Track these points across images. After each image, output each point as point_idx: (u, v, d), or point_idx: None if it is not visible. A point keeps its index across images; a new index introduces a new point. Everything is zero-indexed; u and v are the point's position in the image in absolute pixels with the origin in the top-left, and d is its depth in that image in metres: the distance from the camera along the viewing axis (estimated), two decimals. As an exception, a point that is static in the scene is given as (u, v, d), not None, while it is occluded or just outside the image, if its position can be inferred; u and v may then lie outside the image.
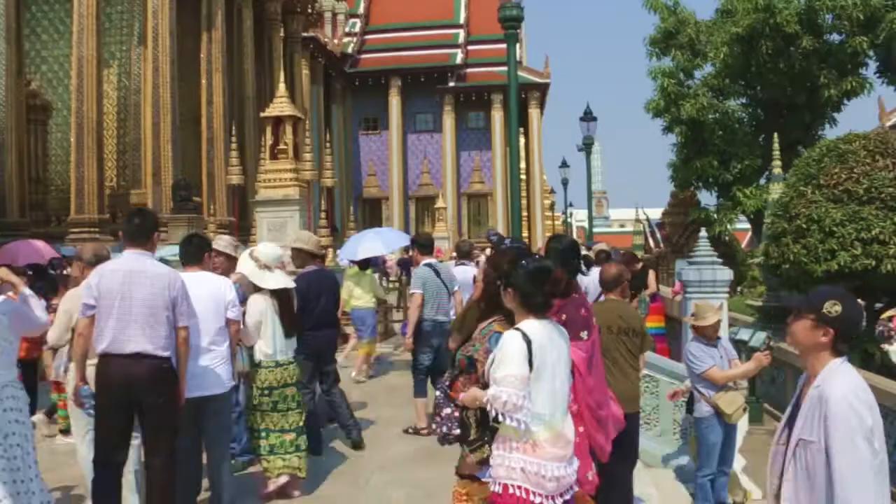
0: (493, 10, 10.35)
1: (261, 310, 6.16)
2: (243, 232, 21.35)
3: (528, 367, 3.33)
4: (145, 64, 21.05)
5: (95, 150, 19.78)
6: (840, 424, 2.61)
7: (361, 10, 42.24)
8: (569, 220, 46.63)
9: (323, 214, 19.84)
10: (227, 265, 6.52)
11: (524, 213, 37.86)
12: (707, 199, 25.37)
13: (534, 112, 39.44)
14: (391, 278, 24.89)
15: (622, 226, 72.50)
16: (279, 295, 6.26)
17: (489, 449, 3.49)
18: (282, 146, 15.50)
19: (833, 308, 2.73)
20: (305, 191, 16.70)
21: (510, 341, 3.38)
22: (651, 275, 11.57)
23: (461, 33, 40.90)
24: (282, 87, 16.11)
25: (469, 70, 39.74)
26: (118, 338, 4.82)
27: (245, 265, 6.28)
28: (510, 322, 3.59)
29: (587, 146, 26.02)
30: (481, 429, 3.50)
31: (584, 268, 5.06)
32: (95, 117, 19.85)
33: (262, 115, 16.29)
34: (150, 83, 20.63)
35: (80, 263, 6.14)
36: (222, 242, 6.74)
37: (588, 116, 25.45)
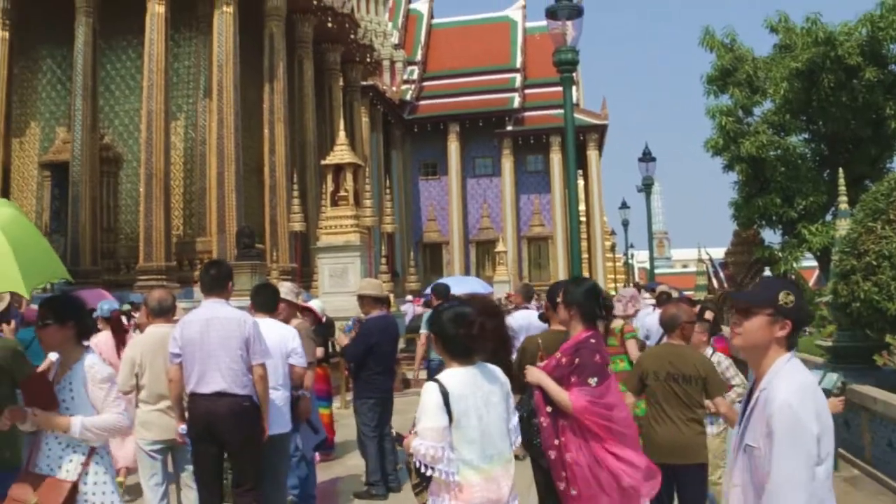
0: (549, 54, 10.37)
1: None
2: (305, 278, 21.65)
3: (447, 418, 3.37)
4: (210, 116, 21.72)
5: (163, 199, 20.45)
6: (781, 432, 2.43)
7: (419, 57, 42.90)
8: (630, 261, 46.11)
9: (384, 260, 20.04)
10: (289, 311, 6.67)
11: (585, 256, 37.60)
12: (771, 237, 24.84)
13: (592, 154, 39.37)
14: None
15: (685, 266, 71.38)
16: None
17: (427, 494, 3.57)
18: (342, 193, 15.78)
19: (788, 298, 2.62)
20: (366, 237, 16.92)
21: (427, 393, 3.44)
22: (708, 315, 11.33)
23: (518, 77, 41.20)
24: (342, 136, 16.44)
25: (527, 113, 39.94)
26: (201, 379, 5.27)
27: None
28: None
29: (647, 187, 25.81)
30: (420, 475, 3.54)
31: (603, 312, 4.84)
32: (163, 168, 20.58)
33: (323, 162, 16.65)
34: (215, 134, 21.26)
35: (145, 310, 6.32)
36: (284, 289, 6.89)
37: (647, 157, 25.29)
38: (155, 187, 20.43)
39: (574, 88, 44.49)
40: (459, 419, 3.40)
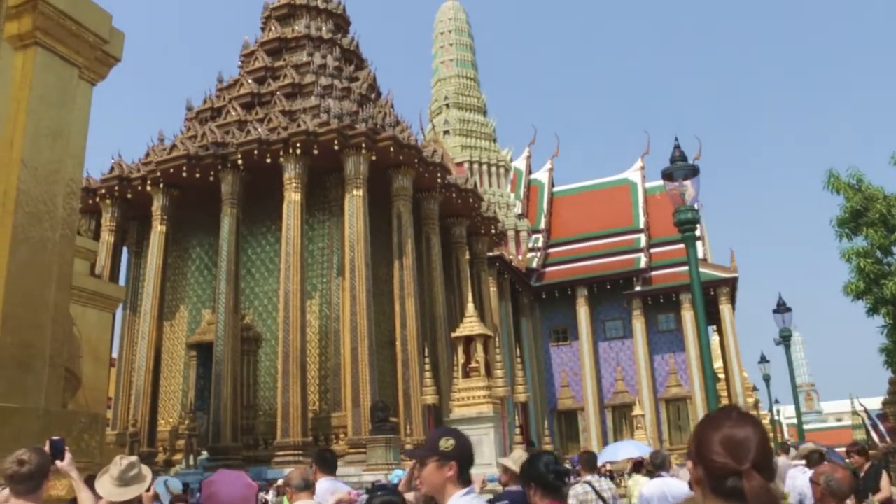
0: (671, 212, 10.37)
1: None
2: (439, 450, 21.43)
3: None
4: (343, 293, 22.56)
5: (299, 376, 21.08)
6: None
7: (543, 225, 43.66)
8: (776, 417, 43.46)
9: (518, 430, 19.63)
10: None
11: (728, 417, 35.68)
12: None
13: (725, 308, 38.20)
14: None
15: (839, 420, 66.61)
16: None
17: None
18: (474, 364, 15.79)
19: (448, 444, 2.99)
20: (499, 407, 16.73)
21: None
22: (884, 478, 10.39)
23: (642, 237, 41.15)
24: (470, 307, 16.64)
25: (654, 273, 39.52)
26: None
27: None
28: None
29: (784, 339, 24.64)
30: None
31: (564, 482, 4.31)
32: (299, 345, 21.34)
33: (453, 335, 16.79)
34: (348, 311, 21.98)
35: (289, 489, 6.41)
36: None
37: (782, 308, 24.27)
38: (292, 364, 21.14)
39: (699, 243, 43.81)
40: None
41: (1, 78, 6.11)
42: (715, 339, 41.07)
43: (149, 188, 24.87)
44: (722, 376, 38.49)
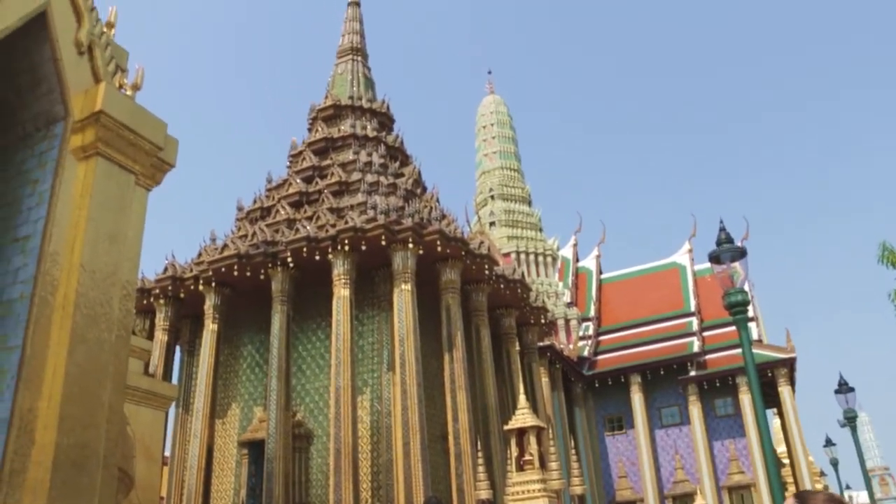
0: (722, 294, 10.27)
1: None
2: (495, 547, 20.87)
3: None
4: (394, 388, 22.49)
5: (351, 472, 20.88)
6: None
7: (592, 312, 43.34)
8: (849, 506, 41.53)
9: (574, 524, 19.13)
10: None
11: None
12: None
13: (784, 389, 37.07)
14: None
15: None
16: None
17: None
18: (527, 457, 15.56)
19: None
20: (555, 500, 16.35)
21: None
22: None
23: (694, 321, 40.56)
24: (522, 399, 16.51)
25: (708, 356, 38.76)
26: None
27: None
28: None
29: (849, 420, 23.75)
30: None
31: None
32: (351, 442, 21.21)
33: (506, 427, 16.59)
34: (400, 406, 21.87)
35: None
36: None
37: (844, 388, 23.48)
38: (343, 461, 20.97)
39: (753, 324, 42.93)
40: None
41: (66, 189, 6.41)
42: (776, 422, 39.82)
43: (201, 287, 25.38)
44: (786, 461, 37.14)
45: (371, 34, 52.25)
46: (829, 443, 35.21)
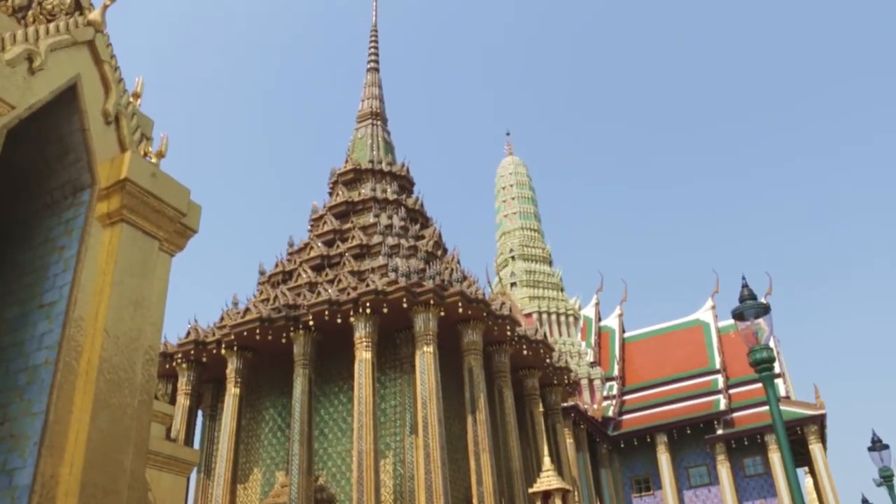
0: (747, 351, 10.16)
1: None
2: None
3: None
4: (417, 451, 22.25)
5: (375, 539, 20.51)
6: None
7: (616, 371, 42.91)
8: (889, 572, 40.18)
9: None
10: None
11: (832, 570, 33.25)
12: None
13: (815, 447, 36.29)
14: None
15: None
16: None
17: None
18: (552, 520, 15.24)
19: None
20: (581, 565, 15.98)
21: None
22: None
23: (720, 378, 40.03)
24: (547, 461, 16.27)
25: (735, 414, 38.13)
26: None
27: None
28: None
29: (886, 479, 23.12)
30: None
31: None
32: (374, 507, 20.88)
33: (531, 490, 16.33)
34: (423, 469, 21.59)
35: None
36: None
37: (878, 445, 22.92)
38: (367, 527, 20.66)
39: (780, 381, 42.23)
40: None
41: (91, 255, 6.51)
42: (808, 481, 38.88)
43: (223, 351, 25.43)
44: (821, 523, 36.20)
45: (390, 98, 53.19)
46: (865, 502, 34.28)
